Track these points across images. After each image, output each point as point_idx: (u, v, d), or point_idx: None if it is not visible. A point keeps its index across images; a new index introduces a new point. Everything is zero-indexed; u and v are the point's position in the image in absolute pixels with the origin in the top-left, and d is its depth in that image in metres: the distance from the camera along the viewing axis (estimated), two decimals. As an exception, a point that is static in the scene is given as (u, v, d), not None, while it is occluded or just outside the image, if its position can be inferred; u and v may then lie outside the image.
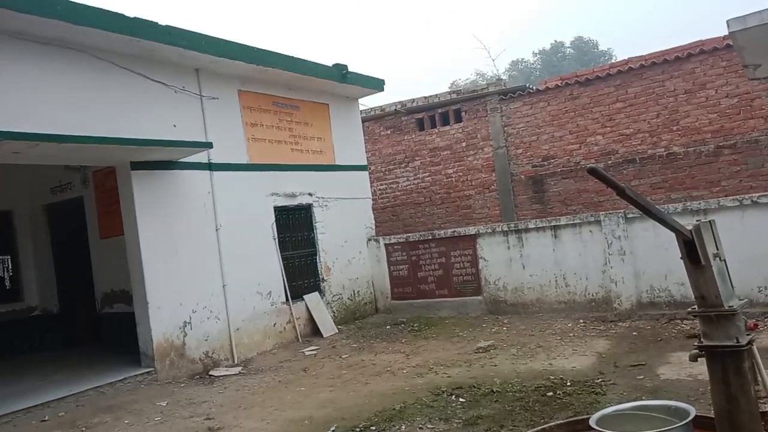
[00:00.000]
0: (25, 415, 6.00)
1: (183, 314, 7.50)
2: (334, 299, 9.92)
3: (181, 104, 7.79)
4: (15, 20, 5.85)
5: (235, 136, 8.51)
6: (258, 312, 8.50)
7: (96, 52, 6.78)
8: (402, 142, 13.62)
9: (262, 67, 8.45)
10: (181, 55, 7.50)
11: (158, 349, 7.17)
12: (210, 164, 8.02)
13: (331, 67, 9.79)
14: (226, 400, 6.19)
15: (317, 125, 10.07)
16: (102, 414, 5.97)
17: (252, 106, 8.86)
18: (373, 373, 6.70)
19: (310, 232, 9.75)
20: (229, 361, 7.95)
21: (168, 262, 7.38)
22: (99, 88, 6.80)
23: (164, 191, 7.47)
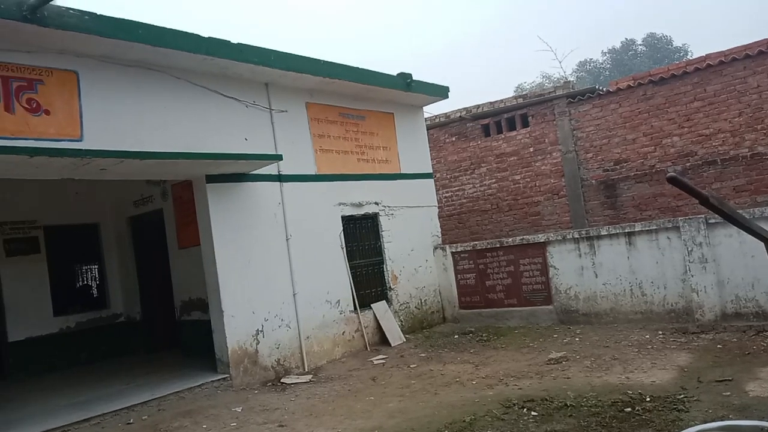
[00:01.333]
0: (112, 417, 6.33)
1: (255, 322, 7.72)
2: (401, 308, 9.94)
3: (252, 118, 8.06)
4: (101, 45, 6.24)
5: (303, 147, 8.72)
6: (327, 320, 8.64)
7: (174, 72, 7.12)
8: (467, 149, 13.51)
9: (329, 79, 8.63)
10: (252, 71, 7.77)
11: (233, 356, 7.41)
12: (280, 176, 8.25)
13: (396, 77, 9.87)
14: (297, 408, 6.31)
15: (383, 134, 10.16)
16: (182, 418, 6.22)
17: (319, 118, 9.05)
18: (442, 384, 6.65)
19: (376, 240, 9.83)
20: (299, 368, 8.11)
21: (241, 271, 7.63)
22: (177, 106, 7.15)
23: (237, 203, 7.74)
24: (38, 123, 5.93)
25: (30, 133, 5.85)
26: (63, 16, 5.75)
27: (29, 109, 5.89)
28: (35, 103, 5.93)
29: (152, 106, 6.91)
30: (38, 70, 5.99)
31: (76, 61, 6.26)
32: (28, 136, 5.80)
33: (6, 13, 5.38)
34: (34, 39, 5.84)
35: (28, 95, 5.89)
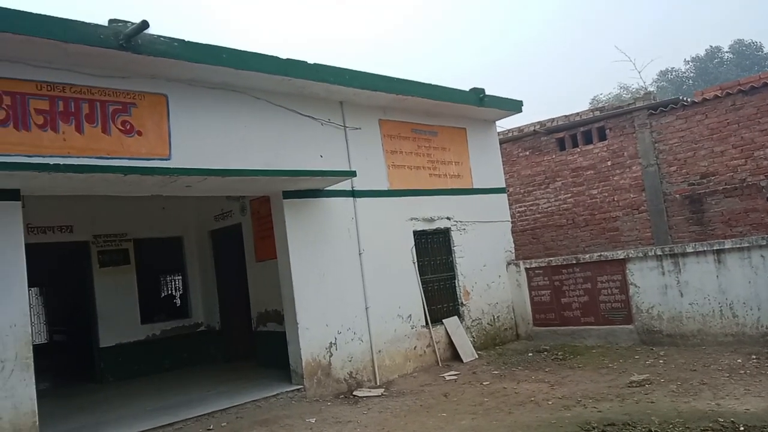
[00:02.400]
0: (194, 423, 6.59)
1: (329, 335, 7.85)
2: (473, 324, 9.82)
3: (327, 136, 8.27)
4: (189, 69, 6.62)
5: (376, 163, 8.84)
6: (399, 335, 8.66)
7: (254, 93, 7.44)
8: (541, 163, 13.25)
9: (402, 96, 8.74)
10: (328, 90, 7.99)
11: (307, 368, 7.57)
12: (353, 191, 8.40)
13: (469, 92, 9.86)
14: (370, 422, 6.35)
15: (455, 149, 10.14)
16: (258, 427, 6.40)
17: (392, 134, 9.16)
18: (516, 403, 6.50)
19: (448, 256, 9.79)
20: (371, 382, 8.16)
21: (316, 284, 7.80)
22: (257, 125, 7.45)
23: (312, 218, 7.94)
24: (131, 143, 6.35)
25: (124, 153, 6.26)
26: (154, 44, 6.15)
27: (123, 130, 6.32)
28: (129, 125, 6.36)
29: (234, 126, 7.23)
30: (132, 94, 6.43)
31: (165, 85, 6.67)
32: (122, 156, 6.21)
33: (105, 42, 5.82)
34: (128, 65, 6.27)
35: (122, 117, 6.32)
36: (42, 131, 5.77)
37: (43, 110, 5.80)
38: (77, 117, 6.00)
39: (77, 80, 6.03)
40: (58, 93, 5.91)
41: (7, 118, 5.59)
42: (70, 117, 5.96)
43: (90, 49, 5.79)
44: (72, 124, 5.96)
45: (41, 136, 5.76)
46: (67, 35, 5.56)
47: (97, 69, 6.14)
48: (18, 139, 5.63)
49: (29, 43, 5.46)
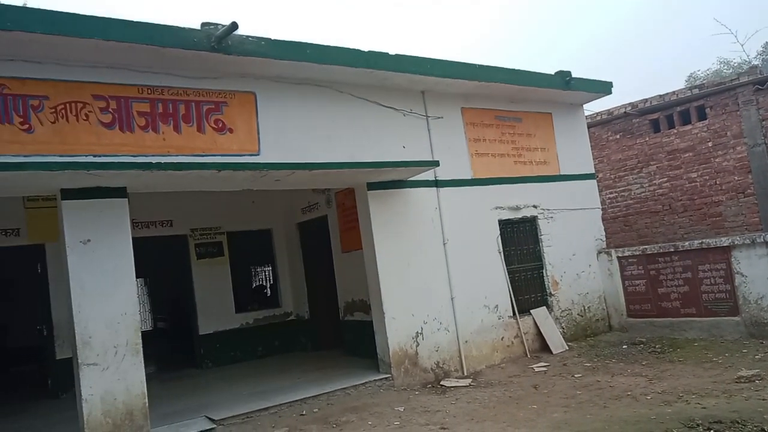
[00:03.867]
0: (287, 408, 6.84)
1: (415, 325, 7.89)
2: (562, 315, 9.53)
3: (409, 126, 8.27)
4: (276, 67, 6.83)
5: (459, 152, 8.75)
6: (485, 325, 8.56)
7: (337, 86, 7.56)
8: (633, 147, 12.60)
9: (484, 83, 8.58)
10: (410, 80, 7.98)
11: (394, 357, 7.65)
12: (437, 181, 8.36)
13: (554, 76, 9.52)
14: (458, 412, 6.33)
15: (540, 135, 9.85)
16: (348, 413, 6.54)
17: (474, 122, 9.02)
18: (611, 397, 6.26)
19: (535, 245, 9.54)
20: (458, 372, 8.13)
21: (401, 274, 7.85)
22: (340, 118, 7.57)
23: (396, 208, 7.98)
24: (224, 141, 6.64)
25: (217, 150, 6.56)
26: (244, 44, 6.39)
27: (216, 128, 6.62)
28: (221, 123, 6.65)
29: (318, 120, 7.39)
30: (223, 93, 6.72)
31: (254, 83, 6.92)
32: (216, 153, 6.52)
33: (198, 45, 6.11)
34: (219, 66, 6.55)
35: (215, 116, 6.62)
36: (144, 132, 6.15)
37: (145, 112, 6.19)
38: (175, 117, 6.35)
39: (174, 83, 6.38)
40: (158, 95, 6.28)
41: (113, 120, 6.00)
42: (169, 118, 6.32)
43: (185, 53, 6.11)
44: (170, 124, 6.31)
45: (143, 137, 6.14)
46: (165, 40, 5.89)
47: (192, 71, 6.46)
48: (123, 140, 6.03)
49: (131, 50, 5.83)
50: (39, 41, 5.36)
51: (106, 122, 5.95)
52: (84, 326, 5.77)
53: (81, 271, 5.83)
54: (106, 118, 5.95)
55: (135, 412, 5.89)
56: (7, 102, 5.48)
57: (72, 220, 5.85)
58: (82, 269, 5.83)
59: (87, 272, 5.84)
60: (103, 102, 5.95)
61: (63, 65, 5.74)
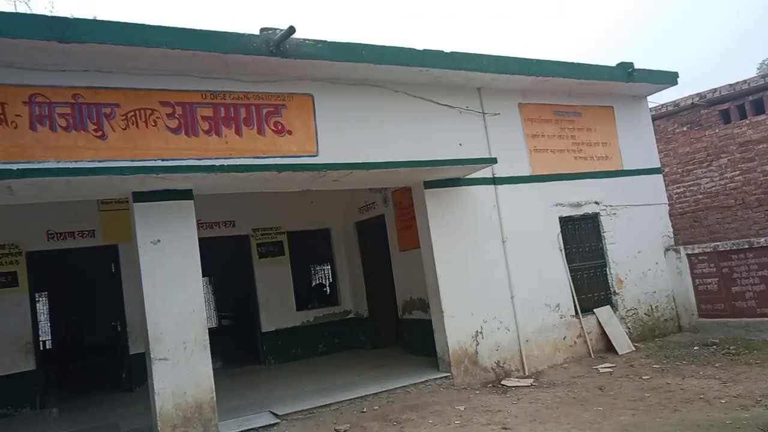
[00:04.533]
0: (348, 405, 6.93)
1: (474, 324, 7.82)
2: (627, 314, 9.23)
3: (466, 123, 8.21)
4: (332, 68, 6.93)
5: (517, 149, 8.62)
6: (547, 324, 8.40)
7: (393, 86, 7.59)
8: (702, 139, 12.04)
9: (542, 78, 8.41)
10: (465, 77, 7.92)
11: (453, 356, 7.61)
12: (494, 178, 8.26)
13: (615, 67, 9.23)
14: (520, 412, 6.24)
15: (601, 130, 9.56)
16: (409, 411, 6.56)
17: (533, 118, 8.86)
18: (682, 400, 6.01)
19: (598, 242, 9.27)
20: (519, 372, 8.01)
21: (459, 273, 7.80)
22: (396, 118, 7.60)
23: (453, 206, 7.94)
24: (283, 143, 6.79)
25: (277, 152, 6.72)
26: (301, 47, 6.51)
27: (276, 131, 6.78)
28: (280, 126, 6.81)
29: (375, 120, 7.45)
30: (282, 96, 6.87)
31: (311, 85, 7.04)
32: (276, 155, 6.67)
33: (258, 50, 6.28)
34: (278, 69, 6.71)
35: (275, 119, 6.78)
36: (208, 136, 6.38)
37: (208, 117, 6.41)
38: (236, 121, 6.55)
39: (235, 87, 6.58)
40: (220, 100, 6.49)
41: (180, 126, 6.25)
42: (231, 121, 6.52)
43: (245, 58, 6.29)
44: (232, 127, 6.52)
45: (207, 141, 6.37)
46: (227, 47, 6.09)
47: (252, 75, 6.64)
48: (188, 144, 6.27)
49: (196, 57, 6.06)
50: (111, 52, 5.65)
51: (172, 127, 6.20)
52: (155, 323, 6.03)
53: (152, 270, 6.10)
54: (172, 123, 6.21)
55: (204, 405, 6.11)
56: (82, 111, 5.80)
57: (143, 221, 6.13)
58: (152, 268, 6.10)
59: (157, 271, 6.11)
60: (170, 108, 6.21)
61: (133, 74, 6.03)
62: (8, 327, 8.57)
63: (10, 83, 5.50)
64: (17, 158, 5.42)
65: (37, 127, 5.57)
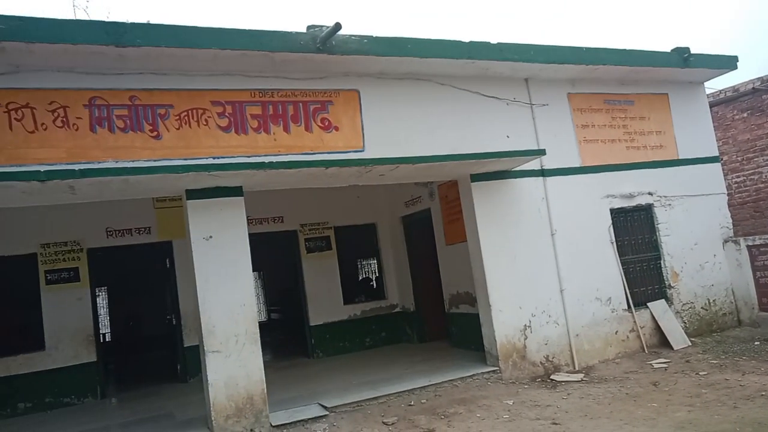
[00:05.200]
0: (396, 398, 6.98)
1: (523, 318, 7.74)
2: (683, 308, 8.93)
3: (513, 115, 8.10)
4: (377, 63, 6.96)
5: (566, 140, 8.45)
6: (597, 318, 8.22)
7: (438, 79, 7.56)
8: (764, 125, 11.51)
9: (592, 66, 8.21)
10: (512, 68, 7.81)
11: (501, 350, 7.55)
12: (543, 170, 8.13)
13: (670, 53, 8.91)
14: (571, 407, 6.15)
15: (655, 118, 9.26)
16: (456, 405, 6.55)
17: (582, 108, 8.66)
18: (742, 396, 5.80)
19: (651, 234, 9.01)
20: (569, 366, 7.88)
21: (507, 266, 7.73)
22: (442, 111, 7.57)
23: (501, 200, 7.86)
24: (330, 138, 6.87)
25: (324, 148, 6.81)
26: (347, 43, 6.56)
27: (323, 127, 6.86)
28: (327, 122, 6.89)
29: (420, 113, 7.43)
30: (328, 92, 6.94)
31: (357, 81, 7.09)
32: (323, 151, 6.76)
33: (305, 47, 6.36)
34: (324, 66, 6.78)
35: (322, 115, 6.87)
36: (257, 134, 6.51)
37: (257, 115, 6.54)
38: (284, 118, 6.66)
39: (283, 85, 6.69)
40: (268, 98, 6.61)
41: (230, 124, 6.40)
42: (279, 119, 6.63)
43: (292, 56, 6.38)
44: (280, 125, 6.63)
45: (256, 138, 6.50)
46: (275, 45, 6.20)
47: (299, 73, 6.74)
48: (238, 142, 6.42)
49: (245, 57, 6.19)
50: (164, 54, 5.84)
51: (223, 126, 6.36)
52: (208, 316, 6.22)
53: (204, 265, 6.28)
54: (223, 122, 6.36)
55: (255, 397, 6.27)
56: (138, 112, 6.02)
57: (196, 218, 6.32)
58: (205, 263, 6.29)
59: (210, 266, 6.29)
60: (221, 107, 6.37)
61: (185, 75, 6.21)
62: (71, 320, 9.00)
63: (71, 87, 5.75)
64: (79, 159, 5.67)
65: (97, 128, 5.82)
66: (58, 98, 5.69)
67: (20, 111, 5.55)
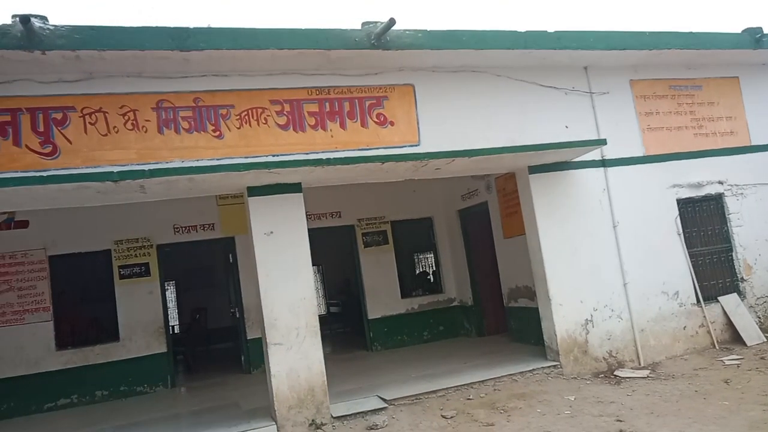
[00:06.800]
0: (454, 392, 6.98)
1: (584, 312, 7.57)
2: (757, 303, 8.51)
3: (571, 105, 7.91)
4: (432, 57, 6.95)
5: (628, 128, 8.18)
6: (664, 313, 7.95)
7: (494, 70, 7.47)
8: None
9: (656, 51, 7.90)
10: (571, 57, 7.63)
11: (562, 345, 7.42)
12: (604, 161, 7.91)
13: (741, 34, 8.47)
14: (636, 404, 5.98)
15: (725, 103, 8.83)
16: (516, 400, 6.49)
17: (646, 95, 8.36)
18: (824, 397, 5.48)
19: (722, 225, 8.61)
20: (634, 362, 7.66)
21: (567, 260, 7.57)
22: (498, 103, 7.48)
23: (560, 191, 7.71)
24: (385, 134, 6.92)
25: (379, 143, 6.86)
26: (401, 38, 6.58)
27: (378, 122, 6.92)
28: (383, 117, 6.94)
29: (476, 106, 7.37)
30: (384, 88, 6.99)
31: (412, 75, 7.10)
32: (379, 146, 6.82)
33: (360, 44, 6.43)
34: (379, 62, 6.83)
35: (377, 111, 6.92)
36: (314, 131, 6.64)
37: (314, 112, 6.67)
38: (341, 115, 6.76)
39: (338, 82, 6.78)
40: (325, 96, 6.73)
41: (288, 122, 6.56)
42: (335, 115, 6.74)
43: (348, 53, 6.46)
44: (337, 121, 6.73)
45: (314, 135, 6.63)
46: (331, 43, 6.29)
47: (354, 69, 6.81)
48: (296, 140, 6.57)
49: (302, 56, 6.32)
50: (225, 56, 6.04)
51: (281, 124, 6.52)
52: (270, 309, 6.41)
53: (266, 260, 6.48)
54: (281, 120, 6.52)
55: (316, 388, 6.42)
56: (201, 113, 6.25)
57: (257, 214, 6.52)
58: (266, 258, 6.48)
59: (271, 261, 6.48)
60: (279, 106, 6.53)
61: (245, 76, 6.40)
62: (142, 313, 9.48)
63: (140, 91, 6.04)
64: (148, 159, 5.96)
65: (164, 130, 6.08)
66: (128, 102, 5.99)
67: (94, 115, 5.88)
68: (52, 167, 5.66)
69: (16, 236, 9.08)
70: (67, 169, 5.67)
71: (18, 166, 5.58)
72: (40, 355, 8.91)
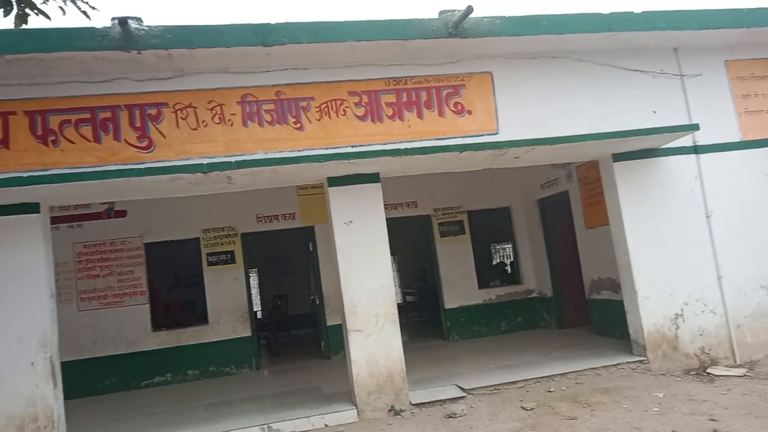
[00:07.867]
0: (534, 383, 6.88)
1: (673, 306, 7.23)
2: None
3: (660, 88, 7.51)
4: (511, 44, 6.80)
5: (723, 112, 7.67)
6: (764, 308, 7.44)
7: (575, 55, 7.22)
8: None
9: (755, 29, 7.34)
10: (659, 38, 7.24)
11: (649, 339, 7.12)
12: (695, 147, 7.48)
13: None
14: (731, 404, 5.66)
15: (836, 82, 8.09)
16: (599, 394, 6.31)
17: (743, 76, 7.80)
18: None
19: (830, 215, 7.92)
20: (729, 360, 7.24)
21: (655, 251, 7.25)
22: (580, 88, 7.23)
23: (646, 180, 7.37)
24: (463, 123, 6.86)
25: (457, 132, 6.82)
26: (479, 25, 6.49)
27: (456, 111, 6.88)
28: (460, 106, 6.89)
29: (556, 92, 7.16)
30: (461, 76, 6.93)
31: (489, 63, 6.99)
32: (456, 135, 6.78)
33: (437, 33, 6.40)
34: (456, 50, 6.77)
35: (454, 100, 6.88)
36: (392, 121, 6.69)
37: (391, 103, 6.71)
38: (418, 105, 6.77)
39: (415, 72, 6.79)
40: (402, 86, 6.76)
41: (366, 113, 6.65)
42: (412, 106, 6.76)
43: (425, 42, 6.45)
44: (414, 111, 6.75)
45: (391, 126, 6.68)
46: (408, 33, 6.30)
47: (431, 59, 6.79)
48: (374, 130, 6.64)
49: (379, 47, 6.38)
50: (305, 50, 6.19)
51: (360, 115, 6.62)
52: (350, 297, 6.56)
53: (345, 249, 6.63)
54: (359, 111, 6.62)
55: (395, 375, 6.51)
56: (283, 106, 6.45)
57: (337, 204, 6.67)
58: (346, 247, 6.63)
59: (350, 249, 6.62)
60: (357, 97, 6.63)
61: (324, 68, 6.54)
62: (228, 298, 9.97)
63: (226, 87, 6.32)
64: (234, 151, 6.23)
65: (248, 123, 6.34)
66: (215, 97, 6.29)
67: (185, 110, 6.21)
68: (148, 160, 6.04)
69: (116, 225, 9.79)
70: (161, 161, 6.05)
71: (118, 159, 6.01)
72: (137, 335, 9.59)
